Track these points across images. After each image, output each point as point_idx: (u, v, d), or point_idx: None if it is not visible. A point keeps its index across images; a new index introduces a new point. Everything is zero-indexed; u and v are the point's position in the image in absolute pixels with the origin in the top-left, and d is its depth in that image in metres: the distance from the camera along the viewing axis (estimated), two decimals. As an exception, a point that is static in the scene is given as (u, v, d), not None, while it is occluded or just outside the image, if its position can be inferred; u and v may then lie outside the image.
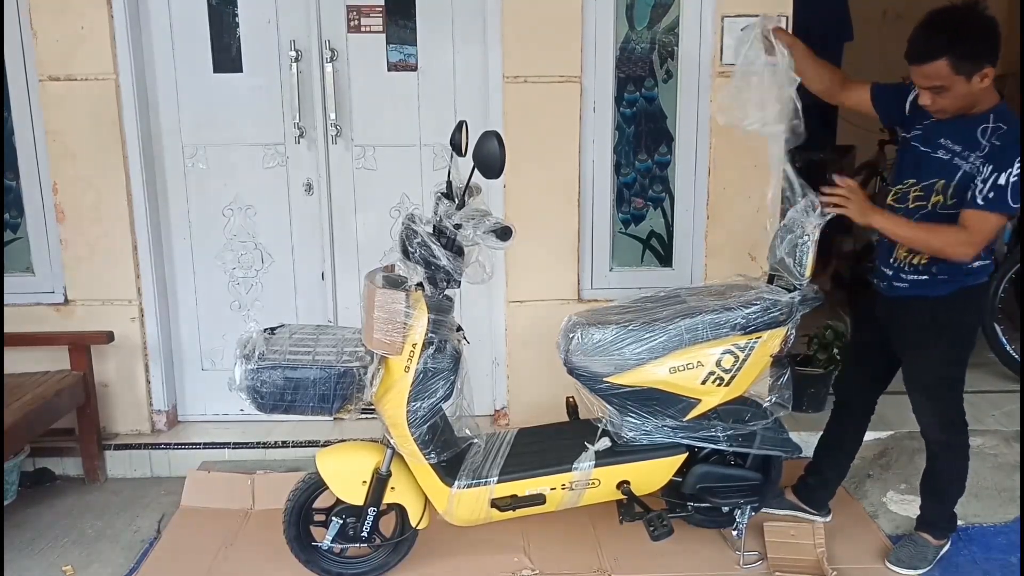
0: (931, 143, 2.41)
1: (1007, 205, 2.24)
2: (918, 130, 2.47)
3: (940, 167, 2.38)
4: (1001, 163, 2.25)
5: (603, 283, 3.45)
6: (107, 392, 3.38)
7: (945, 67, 2.23)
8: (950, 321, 2.46)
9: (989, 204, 2.26)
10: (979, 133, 2.31)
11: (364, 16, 3.26)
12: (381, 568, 2.61)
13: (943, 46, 2.22)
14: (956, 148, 2.35)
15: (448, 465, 2.48)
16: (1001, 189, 2.24)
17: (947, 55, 2.22)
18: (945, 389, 2.54)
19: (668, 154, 3.39)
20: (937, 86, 2.28)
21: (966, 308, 2.49)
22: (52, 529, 2.96)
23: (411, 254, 2.32)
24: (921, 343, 2.50)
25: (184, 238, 3.43)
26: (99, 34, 3.12)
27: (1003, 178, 2.23)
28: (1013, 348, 3.91)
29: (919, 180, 2.43)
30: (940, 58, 2.23)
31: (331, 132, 3.31)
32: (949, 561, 2.71)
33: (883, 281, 2.55)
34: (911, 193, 2.45)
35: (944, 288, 2.42)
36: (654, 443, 2.53)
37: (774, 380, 2.55)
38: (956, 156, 2.35)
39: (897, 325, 2.56)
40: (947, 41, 2.23)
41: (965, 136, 2.34)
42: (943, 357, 2.50)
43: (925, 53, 2.25)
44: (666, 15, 3.28)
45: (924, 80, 2.30)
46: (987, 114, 2.33)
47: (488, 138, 2.22)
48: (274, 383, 2.30)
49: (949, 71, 2.24)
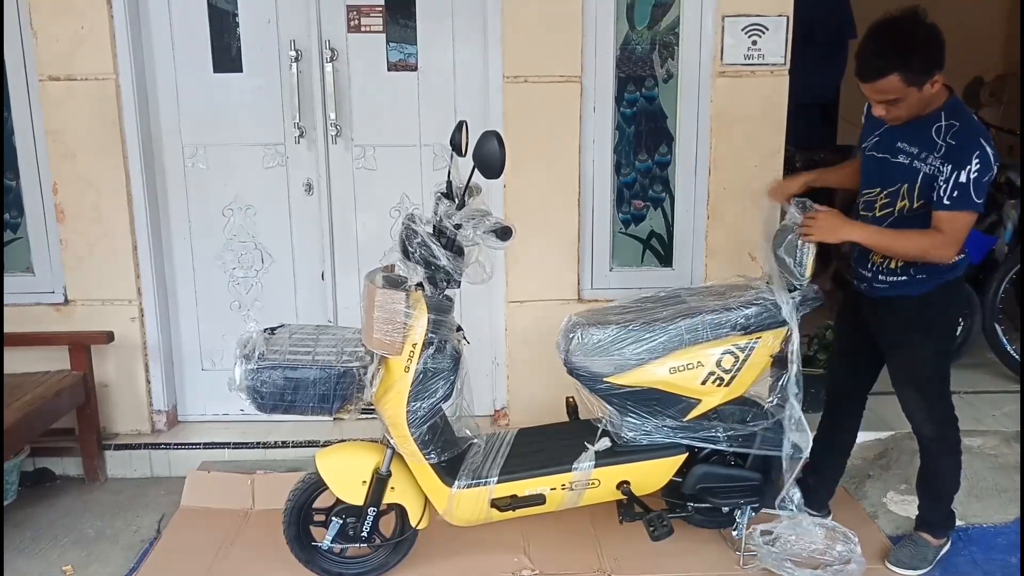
0: (889, 149, 2.43)
1: (972, 202, 2.25)
2: (875, 138, 2.49)
3: (901, 172, 2.39)
4: (959, 160, 2.25)
5: (603, 283, 3.45)
6: (107, 392, 3.38)
7: (897, 82, 2.24)
8: (934, 317, 2.48)
9: (955, 203, 2.27)
10: (933, 132, 2.33)
11: (364, 16, 3.26)
12: (381, 568, 2.61)
13: (893, 63, 2.22)
14: (913, 151, 2.37)
15: (448, 465, 2.48)
16: (963, 187, 2.25)
17: (898, 71, 2.22)
18: (935, 384, 2.57)
19: (668, 154, 3.39)
20: (891, 99, 2.29)
21: (948, 303, 2.52)
22: (52, 529, 2.96)
23: (411, 254, 2.32)
24: (906, 341, 2.52)
25: (184, 238, 3.43)
26: (99, 34, 3.12)
27: (963, 175, 2.24)
28: (1013, 348, 3.91)
29: (883, 187, 2.46)
30: (891, 74, 2.23)
31: (331, 132, 3.31)
32: (949, 561, 2.71)
33: (863, 283, 2.57)
34: (877, 201, 2.48)
35: (924, 286, 2.44)
36: (654, 443, 2.53)
37: (774, 380, 2.55)
38: (915, 159, 2.36)
39: (881, 324, 2.57)
40: (897, 57, 2.22)
41: (920, 138, 2.35)
42: (929, 353, 2.52)
43: (876, 70, 2.25)
44: (667, 15, 3.27)
45: (877, 95, 2.31)
46: (939, 112, 2.34)
47: (488, 138, 2.23)
48: (274, 383, 2.30)
49: (901, 85, 2.24)
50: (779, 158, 3.28)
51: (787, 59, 3.21)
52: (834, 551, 2.61)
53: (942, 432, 2.59)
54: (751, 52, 3.19)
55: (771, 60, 3.20)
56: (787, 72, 3.22)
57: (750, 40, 3.18)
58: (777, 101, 3.23)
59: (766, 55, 3.20)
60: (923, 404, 2.57)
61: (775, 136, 3.26)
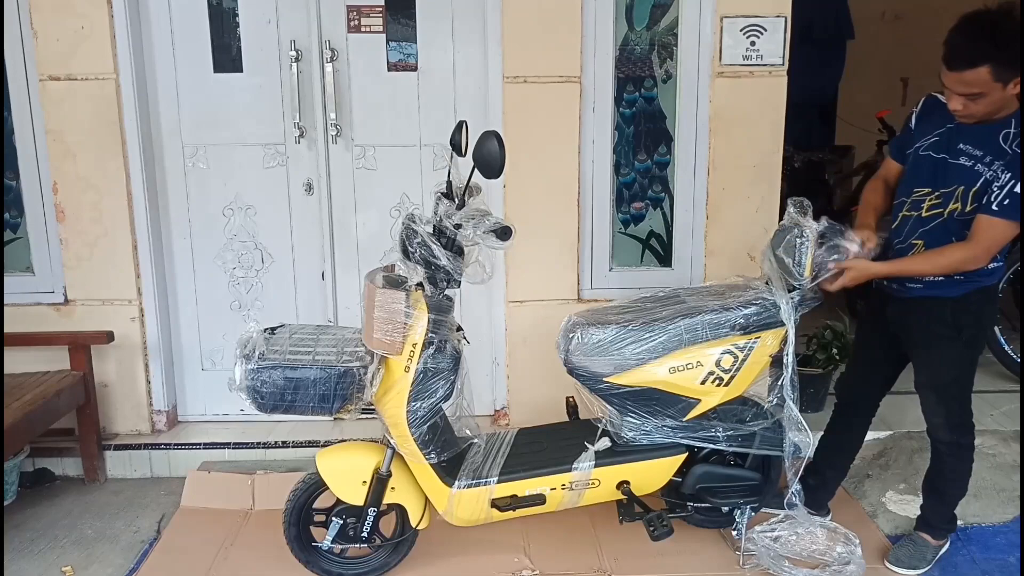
0: (951, 149, 2.37)
1: (1017, 213, 2.22)
2: (934, 137, 2.42)
3: (961, 173, 2.33)
4: (1020, 171, 2.22)
5: (603, 283, 3.45)
6: (107, 392, 3.38)
7: (987, 74, 2.18)
8: (967, 321, 2.45)
9: (1003, 211, 2.23)
10: (1001, 139, 2.28)
11: (364, 16, 3.26)
12: (381, 568, 2.61)
13: (987, 53, 2.17)
14: (978, 154, 2.31)
15: (448, 465, 2.48)
16: (1016, 197, 2.22)
17: (990, 62, 2.16)
18: (958, 389, 2.53)
19: (667, 154, 3.40)
20: (975, 93, 2.22)
21: (982, 308, 2.47)
22: (52, 529, 2.96)
23: (411, 254, 2.32)
24: (936, 343, 2.48)
25: (184, 238, 3.43)
26: (99, 34, 3.13)
27: (1020, 187, 2.21)
28: (1012, 348, 3.91)
29: (935, 187, 2.39)
30: (983, 65, 2.17)
31: (331, 132, 3.31)
32: (948, 561, 2.72)
33: (894, 283, 2.52)
34: (926, 201, 2.41)
35: (960, 288, 2.41)
36: (654, 443, 2.54)
37: (774, 380, 2.55)
38: (978, 162, 2.30)
39: (910, 324, 2.52)
40: (991, 48, 2.17)
41: (988, 142, 2.30)
42: (958, 357, 2.49)
43: (968, 60, 2.18)
44: (666, 15, 3.28)
45: (962, 87, 2.23)
46: (1009, 118, 2.29)
47: (488, 138, 2.23)
48: (274, 383, 2.30)
49: (990, 78, 2.18)
50: (778, 158, 3.28)
51: (785, 60, 3.21)
52: (834, 552, 2.61)
53: (957, 438, 2.57)
54: (750, 53, 3.20)
55: (769, 61, 3.20)
56: (786, 72, 3.23)
57: (748, 41, 3.19)
58: (776, 101, 3.24)
59: (765, 56, 3.20)
60: (942, 409, 2.54)
61: (774, 136, 3.26)
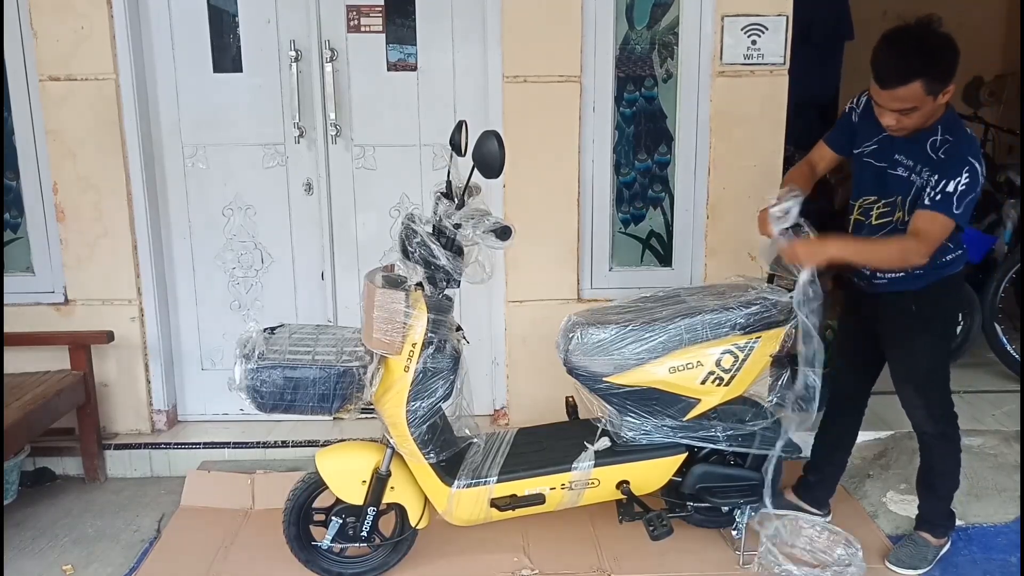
0: (887, 159, 2.44)
1: (952, 210, 2.26)
2: (872, 145, 2.48)
3: (898, 184, 2.40)
4: (949, 173, 2.26)
5: (603, 283, 3.45)
6: (107, 392, 3.38)
7: (919, 89, 2.22)
8: (933, 312, 2.50)
9: (935, 205, 2.27)
10: (928, 147, 2.33)
11: (364, 16, 3.26)
12: (381, 568, 2.61)
13: (917, 69, 2.21)
14: (910, 163, 2.38)
15: (448, 465, 2.48)
16: (948, 195, 2.26)
17: (922, 77, 2.21)
18: (934, 380, 2.57)
19: (668, 154, 3.39)
20: (908, 108, 2.27)
21: (946, 297, 2.53)
22: (52, 529, 2.96)
23: (411, 254, 2.32)
24: (905, 336, 2.53)
25: (184, 238, 3.43)
26: (99, 34, 3.13)
27: (951, 186, 2.26)
28: (1013, 348, 3.91)
29: (881, 196, 2.47)
30: (915, 80, 2.21)
31: (331, 132, 3.31)
32: (949, 561, 2.71)
33: (862, 279, 2.58)
34: (874, 209, 2.49)
35: (921, 281, 2.45)
36: (654, 443, 2.54)
37: (774, 380, 2.55)
38: (912, 172, 2.37)
39: (882, 321, 2.58)
40: (922, 64, 2.21)
41: (917, 151, 2.36)
42: (929, 348, 2.53)
43: (900, 76, 2.22)
44: (666, 15, 3.28)
45: (896, 103, 2.27)
46: (936, 125, 2.34)
47: (488, 138, 2.23)
48: (274, 383, 2.30)
49: (922, 92, 2.23)
50: (778, 158, 3.28)
51: (787, 59, 3.21)
52: (835, 554, 2.61)
53: (942, 429, 2.60)
54: (750, 52, 3.20)
55: (770, 60, 3.20)
56: (786, 72, 3.22)
57: (749, 40, 3.19)
58: (776, 101, 3.23)
59: (765, 55, 3.20)
60: (922, 401, 2.58)
61: (774, 136, 3.26)
